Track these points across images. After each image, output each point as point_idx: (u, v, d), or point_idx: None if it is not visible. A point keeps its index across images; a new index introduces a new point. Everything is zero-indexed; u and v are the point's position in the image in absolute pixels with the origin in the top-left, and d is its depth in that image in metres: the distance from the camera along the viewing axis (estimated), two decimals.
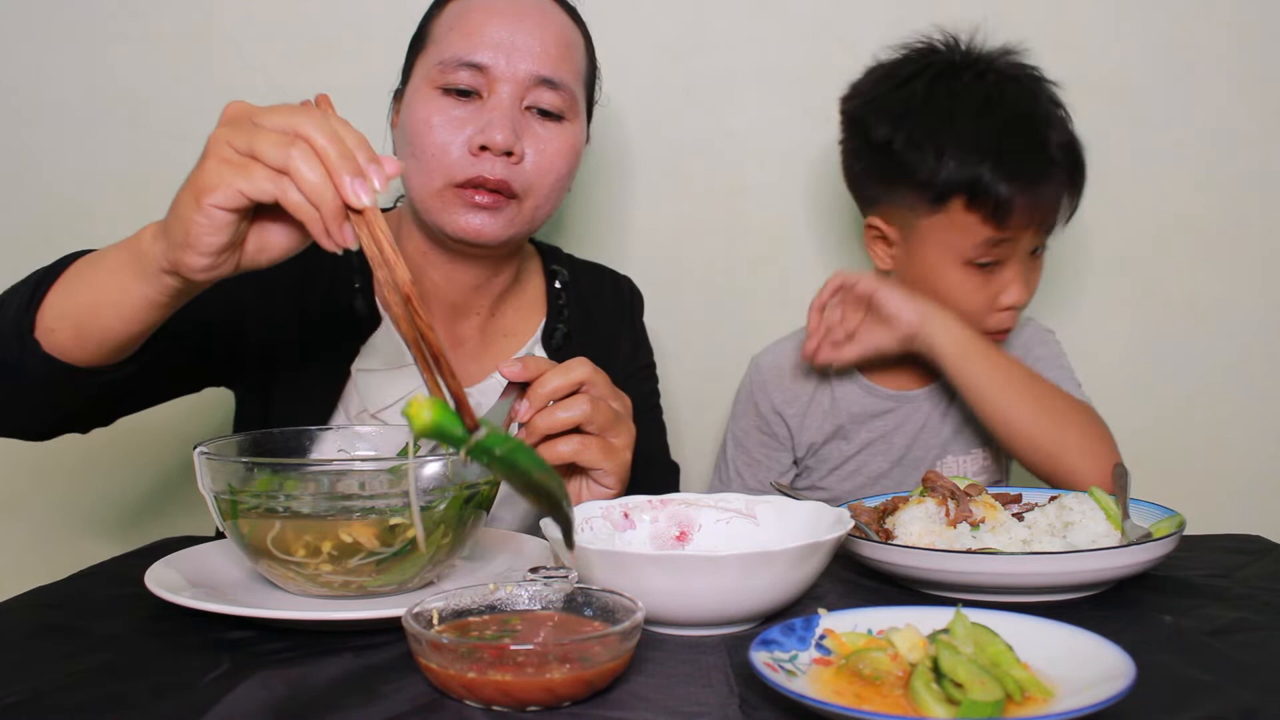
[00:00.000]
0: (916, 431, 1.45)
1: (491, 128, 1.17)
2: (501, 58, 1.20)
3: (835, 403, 1.46)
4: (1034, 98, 1.36)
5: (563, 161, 1.23)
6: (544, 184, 1.22)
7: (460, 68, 1.20)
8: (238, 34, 1.61)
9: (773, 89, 1.65)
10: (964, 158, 1.30)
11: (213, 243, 0.82)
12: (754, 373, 1.50)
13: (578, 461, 1.00)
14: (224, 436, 0.92)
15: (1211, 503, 1.62)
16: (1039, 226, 1.33)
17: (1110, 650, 0.67)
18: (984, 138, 1.30)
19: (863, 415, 1.45)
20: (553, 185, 1.24)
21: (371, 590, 0.86)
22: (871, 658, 0.68)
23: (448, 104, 1.20)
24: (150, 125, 1.62)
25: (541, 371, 0.98)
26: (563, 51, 1.23)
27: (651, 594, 0.77)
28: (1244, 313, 1.69)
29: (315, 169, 0.78)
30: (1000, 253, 1.34)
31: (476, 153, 1.18)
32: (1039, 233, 1.35)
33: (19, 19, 1.61)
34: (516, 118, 1.20)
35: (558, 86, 1.22)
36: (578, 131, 1.26)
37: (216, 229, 0.82)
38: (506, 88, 1.20)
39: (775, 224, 1.67)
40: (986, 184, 1.29)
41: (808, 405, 1.46)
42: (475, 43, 1.20)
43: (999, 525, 0.97)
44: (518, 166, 1.20)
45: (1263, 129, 1.66)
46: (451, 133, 1.19)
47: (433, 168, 1.20)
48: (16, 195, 1.63)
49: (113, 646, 0.81)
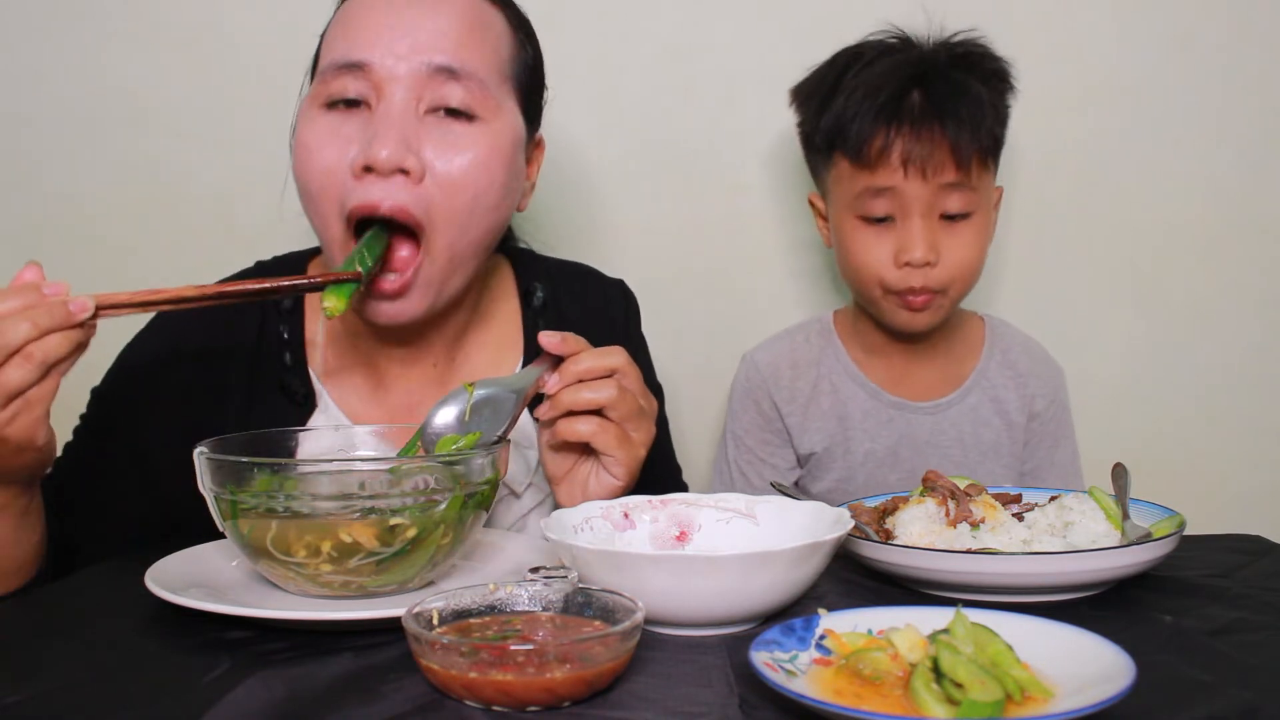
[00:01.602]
0: (921, 446, 1.44)
1: (374, 142, 0.97)
2: (385, 50, 0.99)
3: (837, 404, 1.46)
4: (926, 59, 1.37)
5: (480, 173, 1.01)
6: (457, 204, 1.01)
7: (340, 73, 1.00)
8: (238, 34, 1.61)
9: (773, 89, 1.64)
10: (837, 107, 1.36)
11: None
12: (750, 370, 1.49)
13: (592, 443, 0.99)
14: (224, 436, 0.92)
15: (1211, 503, 1.62)
16: (922, 177, 1.32)
17: (1110, 650, 0.67)
18: (856, 88, 1.35)
19: (864, 419, 1.45)
20: (469, 205, 1.01)
21: (371, 590, 0.86)
22: (871, 658, 0.68)
23: (332, 121, 1.01)
24: (150, 125, 1.62)
25: (578, 350, 0.99)
26: (467, 33, 1.02)
27: (651, 594, 0.77)
28: (1244, 314, 1.68)
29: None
30: (887, 205, 1.35)
31: (360, 175, 0.98)
32: (932, 189, 1.33)
33: (19, 19, 1.61)
34: (409, 124, 0.99)
35: (461, 75, 1.00)
36: (501, 132, 1.04)
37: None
38: (397, 88, 0.99)
39: (775, 224, 1.67)
40: (846, 124, 1.34)
41: (807, 404, 1.46)
42: (354, 36, 1.00)
43: (999, 525, 0.97)
44: (420, 187, 0.99)
45: (1263, 129, 1.66)
46: (335, 155, 0.99)
47: (319, 204, 1.01)
48: (16, 195, 1.63)
49: (113, 646, 0.81)
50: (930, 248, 1.34)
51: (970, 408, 1.45)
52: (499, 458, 0.91)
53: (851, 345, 1.49)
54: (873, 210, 1.36)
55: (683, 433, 1.62)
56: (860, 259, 1.38)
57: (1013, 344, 1.50)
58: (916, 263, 1.34)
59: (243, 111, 1.60)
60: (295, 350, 1.15)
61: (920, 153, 1.32)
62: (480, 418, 0.94)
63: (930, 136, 1.32)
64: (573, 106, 1.52)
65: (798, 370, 1.47)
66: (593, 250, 1.56)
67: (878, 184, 1.34)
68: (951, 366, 1.48)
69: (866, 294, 1.41)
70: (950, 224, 1.36)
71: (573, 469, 1.03)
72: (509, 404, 0.96)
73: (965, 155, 1.33)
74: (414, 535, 0.84)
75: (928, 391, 1.46)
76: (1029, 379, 1.47)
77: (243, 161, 1.60)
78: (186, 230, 1.62)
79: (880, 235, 1.36)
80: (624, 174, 1.66)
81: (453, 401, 0.94)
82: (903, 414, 1.45)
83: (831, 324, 1.52)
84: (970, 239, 1.37)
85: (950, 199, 1.35)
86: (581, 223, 1.65)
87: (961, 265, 1.36)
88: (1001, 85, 1.40)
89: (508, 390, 0.96)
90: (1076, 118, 1.64)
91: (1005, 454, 1.45)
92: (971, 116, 1.33)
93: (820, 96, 1.40)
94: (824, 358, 1.48)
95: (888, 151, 1.32)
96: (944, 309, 1.39)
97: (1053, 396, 1.47)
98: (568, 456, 1.03)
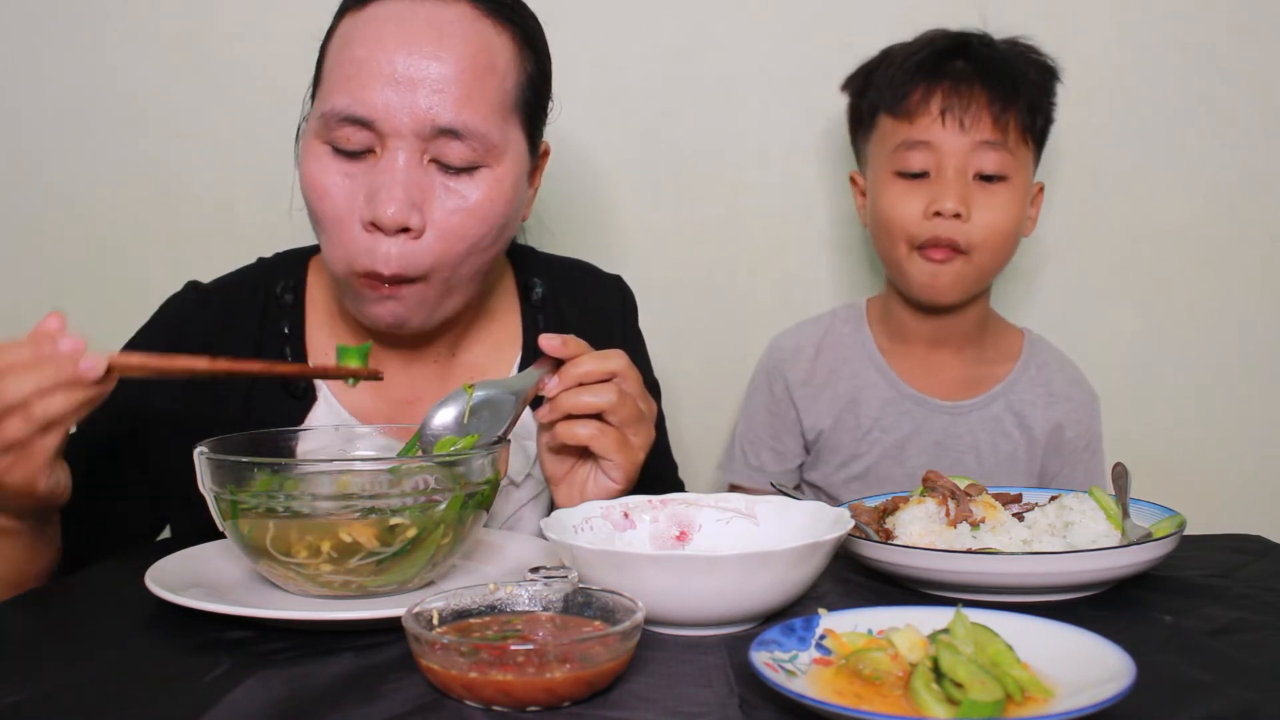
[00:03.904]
0: (930, 445, 1.43)
1: (380, 199, 1.00)
2: (387, 110, 1.00)
3: (853, 389, 1.44)
4: (972, 36, 1.41)
5: (479, 223, 1.04)
6: (455, 251, 1.03)
7: (344, 124, 1.01)
8: (238, 34, 1.61)
9: (773, 89, 1.65)
10: (881, 73, 1.41)
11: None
12: (772, 352, 1.50)
13: (591, 447, 0.99)
14: (224, 436, 0.92)
15: (1211, 503, 1.62)
16: (960, 128, 1.34)
17: (1110, 650, 0.67)
18: (901, 55, 1.39)
19: (879, 409, 1.44)
20: (466, 251, 1.04)
21: (371, 590, 0.86)
22: (871, 658, 0.68)
23: (339, 165, 1.03)
24: (150, 125, 1.62)
25: (579, 353, 0.99)
26: (471, 85, 1.02)
27: (651, 594, 0.77)
28: (1244, 313, 1.68)
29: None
30: (923, 160, 1.36)
31: (369, 229, 1.01)
32: (968, 144, 1.35)
33: (19, 19, 1.61)
34: (413, 179, 1.01)
35: (464, 135, 1.01)
36: (505, 174, 1.05)
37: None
38: (400, 145, 1.01)
39: (775, 224, 1.67)
40: (888, 82, 1.39)
41: (821, 386, 1.45)
42: (358, 91, 1.01)
43: (999, 525, 0.97)
44: (417, 243, 1.02)
45: (1263, 129, 1.66)
46: (345, 202, 1.02)
47: (332, 244, 1.05)
48: (16, 195, 1.63)
49: (113, 646, 0.81)
50: (961, 200, 1.34)
51: (993, 416, 1.44)
52: (499, 458, 0.91)
53: (879, 332, 1.49)
54: (909, 164, 1.37)
55: (682, 432, 1.62)
56: (891, 212, 1.38)
57: (1049, 361, 1.48)
58: (947, 213, 1.34)
59: (243, 111, 1.60)
60: (295, 345, 1.16)
61: (959, 105, 1.34)
62: (479, 419, 0.94)
63: (970, 91, 1.35)
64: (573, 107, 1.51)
65: (820, 354, 1.47)
66: (593, 250, 1.56)
67: (915, 136, 1.36)
68: (979, 369, 1.46)
69: (893, 255, 1.40)
70: (985, 185, 1.37)
71: (571, 471, 1.03)
72: (508, 406, 0.96)
73: (1003, 113, 1.35)
74: (414, 535, 0.84)
75: (950, 391, 1.44)
76: (1060, 401, 1.45)
77: (243, 161, 1.60)
78: (186, 230, 1.63)
79: (914, 189, 1.37)
80: (624, 174, 1.66)
81: (451, 403, 0.94)
82: (920, 409, 1.43)
83: (864, 309, 1.51)
84: (1003, 203, 1.37)
85: (986, 158, 1.35)
86: (582, 223, 1.65)
87: (991, 227, 1.36)
88: (1046, 73, 1.42)
89: (507, 392, 0.96)
90: (1076, 117, 1.64)
91: (1021, 470, 1.43)
92: (1012, 80, 1.36)
93: (867, 71, 1.44)
94: (849, 343, 1.48)
95: (927, 102, 1.35)
96: (968, 279, 1.38)
97: (1087, 424, 1.46)
98: (566, 459, 1.03)
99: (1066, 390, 1.46)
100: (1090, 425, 1.46)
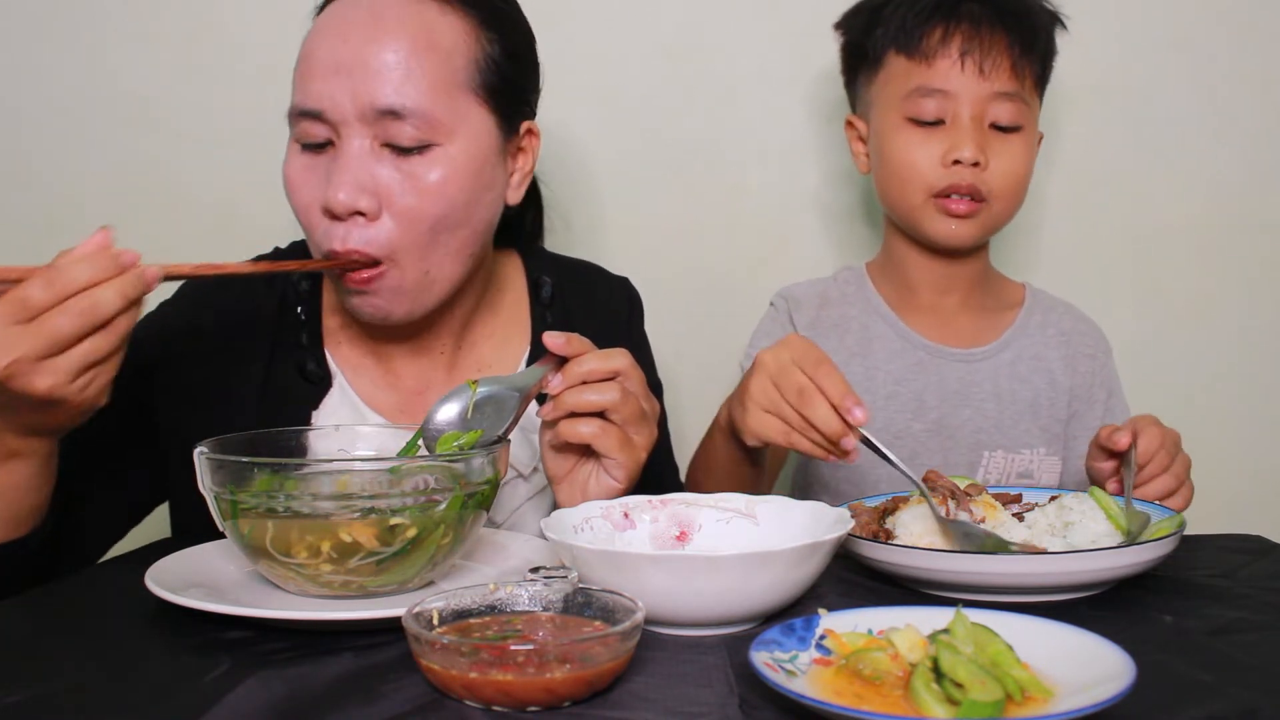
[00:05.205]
0: (950, 395, 1.40)
1: (330, 185, 1.02)
2: (333, 99, 1.02)
3: (863, 342, 1.42)
4: None
5: (436, 201, 1.04)
6: (417, 233, 1.04)
7: (301, 119, 1.05)
8: (238, 34, 1.61)
9: (773, 89, 1.64)
10: (891, 10, 1.36)
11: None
12: (778, 300, 1.48)
13: (594, 445, 1.00)
14: (224, 436, 0.92)
15: (1211, 503, 1.62)
16: (979, 73, 1.32)
17: (1110, 650, 0.67)
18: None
19: (890, 360, 1.41)
20: (430, 232, 1.04)
21: (371, 590, 0.86)
22: (871, 658, 0.68)
23: (304, 160, 1.07)
24: (150, 125, 1.62)
25: (582, 351, 0.99)
26: (413, 63, 1.03)
27: (651, 594, 0.77)
28: (1244, 313, 1.68)
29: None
30: (938, 108, 1.33)
31: (328, 216, 1.04)
32: (986, 92, 1.33)
33: (19, 19, 1.61)
34: (364, 165, 1.03)
35: (405, 114, 1.02)
36: (461, 151, 1.05)
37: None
38: (350, 132, 1.03)
39: (775, 224, 1.67)
40: (903, 21, 1.34)
41: (828, 333, 1.42)
42: (307, 86, 1.04)
43: (999, 525, 0.97)
44: (377, 225, 1.03)
45: (1263, 129, 1.66)
46: (310, 193, 1.05)
47: (307, 236, 1.09)
48: (16, 195, 1.63)
49: (113, 646, 0.81)
50: (980, 149, 1.33)
51: (1008, 362, 1.42)
52: (499, 457, 0.91)
53: (884, 287, 1.47)
54: (923, 111, 1.34)
55: (683, 432, 1.62)
56: (905, 157, 1.35)
57: (1054, 305, 1.48)
58: (966, 160, 1.32)
59: (243, 111, 1.60)
60: (312, 330, 1.18)
61: (979, 48, 1.32)
62: (482, 415, 0.94)
63: (990, 36, 1.33)
64: (573, 106, 1.52)
65: (825, 306, 1.45)
66: (593, 250, 1.56)
67: (932, 83, 1.33)
68: (986, 316, 1.45)
69: (907, 203, 1.37)
70: (1000, 134, 1.35)
71: (573, 470, 1.03)
72: (511, 403, 0.96)
73: (1021, 59, 1.33)
74: (414, 535, 0.85)
75: (962, 339, 1.43)
76: (1072, 336, 1.44)
77: (243, 161, 1.60)
78: (186, 230, 1.62)
79: (928, 136, 1.34)
80: (624, 174, 1.65)
81: (455, 399, 0.95)
82: (934, 359, 1.41)
83: (864, 270, 1.50)
84: (1019, 151, 1.36)
85: (1002, 108, 1.34)
86: (582, 222, 1.65)
87: (1008, 176, 1.35)
88: (1055, 19, 1.40)
89: (510, 389, 0.96)
90: (1076, 117, 1.64)
91: (1044, 414, 1.41)
92: (1031, 24, 1.35)
93: (873, 8, 1.40)
94: (855, 299, 1.46)
95: (947, 44, 1.32)
96: (985, 226, 1.37)
97: (1102, 360, 1.45)
98: (568, 457, 1.03)
99: (1076, 326, 1.46)
100: (1105, 362, 1.46)
